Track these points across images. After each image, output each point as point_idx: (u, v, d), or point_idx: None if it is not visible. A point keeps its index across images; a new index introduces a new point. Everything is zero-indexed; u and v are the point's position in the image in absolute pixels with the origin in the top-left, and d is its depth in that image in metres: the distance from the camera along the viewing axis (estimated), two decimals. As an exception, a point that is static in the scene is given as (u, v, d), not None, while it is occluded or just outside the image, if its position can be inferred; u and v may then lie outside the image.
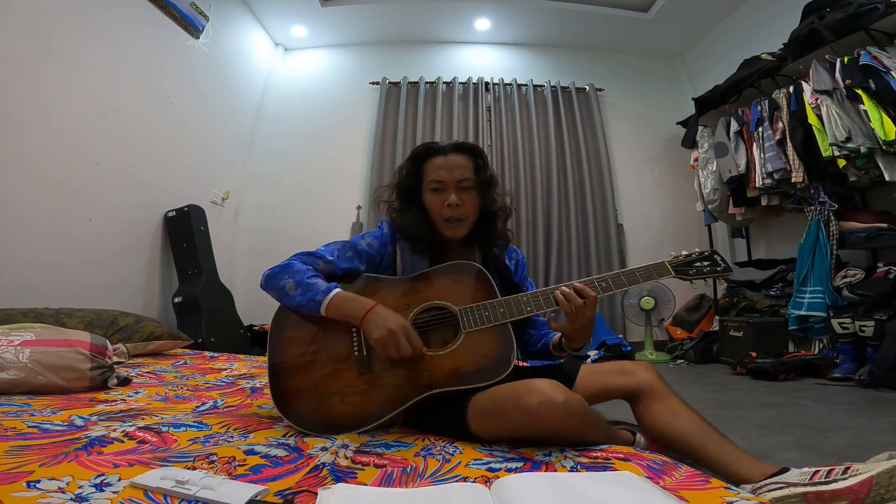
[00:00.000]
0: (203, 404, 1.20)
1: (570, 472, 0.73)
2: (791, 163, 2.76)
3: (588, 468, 0.74)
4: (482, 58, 4.35)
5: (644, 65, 4.43)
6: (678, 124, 3.88)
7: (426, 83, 4.11)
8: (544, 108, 4.12)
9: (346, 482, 0.68)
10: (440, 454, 0.81)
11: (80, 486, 0.59)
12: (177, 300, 2.86)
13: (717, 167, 3.37)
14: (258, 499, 0.57)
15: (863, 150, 2.37)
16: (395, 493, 0.63)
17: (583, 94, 4.21)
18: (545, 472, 0.73)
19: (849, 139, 2.40)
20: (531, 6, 3.96)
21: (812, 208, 2.75)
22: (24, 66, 2.16)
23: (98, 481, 0.60)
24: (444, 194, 1.12)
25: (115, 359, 1.61)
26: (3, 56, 2.07)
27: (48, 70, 2.26)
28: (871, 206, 2.78)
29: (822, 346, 2.63)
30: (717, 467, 0.86)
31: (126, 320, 2.03)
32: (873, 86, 2.31)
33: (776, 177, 2.84)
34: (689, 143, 3.71)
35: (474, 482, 0.69)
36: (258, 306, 3.36)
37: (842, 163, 2.47)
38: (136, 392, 1.32)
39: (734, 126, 3.20)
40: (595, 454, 0.80)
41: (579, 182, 3.99)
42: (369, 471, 0.74)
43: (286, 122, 4.10)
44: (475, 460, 0.78)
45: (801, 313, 2.63)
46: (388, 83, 4.09)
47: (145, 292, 2.87)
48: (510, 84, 4.17)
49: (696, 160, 3.59)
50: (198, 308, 2.82)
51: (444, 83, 4.12)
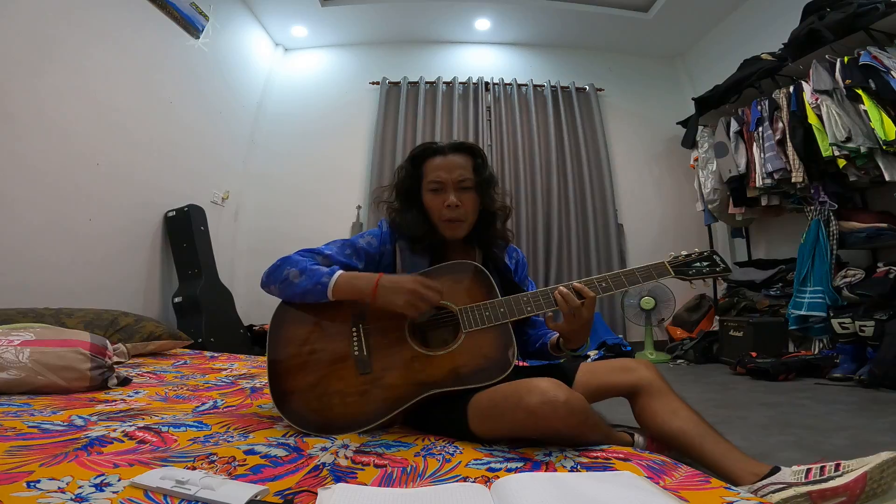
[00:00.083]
0: (203, 404, 1.20)
1: (570, 472, 0.73)
2: (791, 163, 2.76)
3: (588, 468, 0.74)
4: (482, 58, 4.35)
5: (644, 65, 4.43)
6: (678, 124, 3.88)
7: (426, 83, 4.11)
8: (544, 108, 4.12)
9: (346, 482, 0.68)
10: (440, 454, 0.81)
11: (80, 486, 0.59)
12: (177, 300, 2.86)
13: (717, 167, 3.37)
14: (258, 499, 0.57)
15: (863, 150, 2.37)
16: (395, 493, 0.64)
17: (583, 94, 4.21)
18: (545, 472, 0.73)
19: (849, 139, 2.40)
20: (531, 6, 3.96)
21: (812, 208, 2.75)
22: (24, 66, 2.16)
23: (98, 481, 0.60)
24: (443, 195, 1.12)
25: (115, 359, 1.61)
26: (3, 56, 2.07)
27: (48, 70, 2.26)
28: (871, 206, 2.78)
29: (822, 346, 2.63)
30: (714, 466, 0.86)
31: (126, 320, 2.03)
32: (873, 86, 2.31)
33: (776, 177, 2.84)
34: (689, 143, 3.70)
35: (474, 482, 0.69)
36: (258, 306, 3.37)
37: (842, 163, 2.47)
38: (136, 392, 1.32)
39: (734, 126, 3.20)
40: (595, 454, 0.80)
41: (579, 182, 3.99)
42: (369, 471, 0.74)
43: (286, 122, 4.10)
44: (475, 460, 0.78)
45: (801, 313, 2.63)
46: (388, 83, 4.09)
47: (145, 292, 2.87)
48: (510, 84, 4.17)
49: (696, 160, 3.59)
50: (198, 308, 2.82)
51: (444, 83, 4.12)
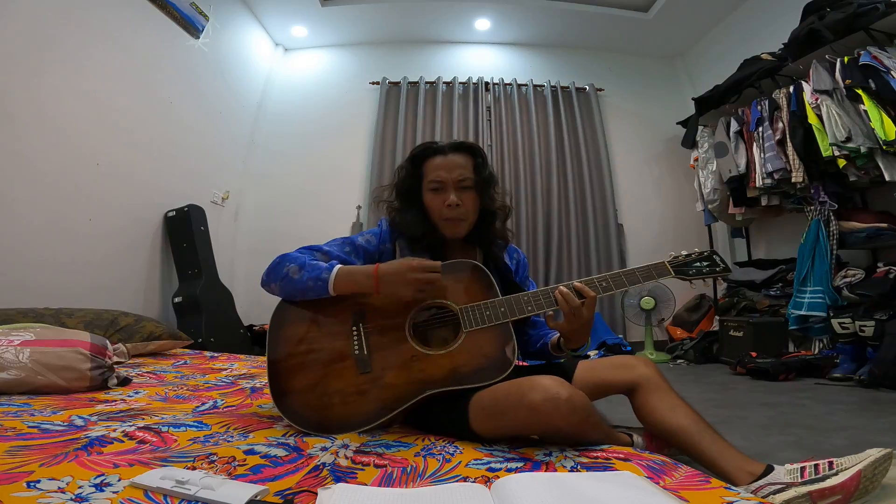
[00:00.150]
0: (203, 404, 1.20)
1: (570, 472, 0.73)
2: (791, 163, 2.75)
3: (588, 468, 0.74)
4: (482, 58, 4.35)
5: (644, 65, 4.43)
6: (678, 124, 3.88)
7: (426, 83, 4.11)
8: (544, 108, 4.12)
9: (346, 482, 0.68)
10: (440, 454, 0.81)
11: (80, 486, 0.59)
12: (177, 300, 2.86)
13: (717, 167, 3.37)
14: (258, 499, 0.57)
15: (863, 150, 2.36)
16: (395, 493, 0.63)
17: (583, 94, 4.21)
18: (545, 472, 0.73)
19: (849, 139, 2.40)
20: (531, 6, 3.96)
21: (812, 208, 2.75)
22: (24, 66, 2.16)
23: (98, 481, 0.60)
24: (443, 194, 1.12)
25: (115, 359, 1.61)
26: (3, 56, 2.07)
27: (48, 70, 2.26)
28: (871, 206, 2.78)
29: (822, 346, 2.62)
30: (709, 463, 0.87)
31: (126, 320, 2.03)
32: (873, 86, 2.31)
33: (776, 177, 2.84)
34: (689, 143, 3.70)
35: (474, 482, 0.69)
36: (258, 306, 3.37)
37: (842, 163, 2.47)
38: (136, 392, 1.32)
39: (734, 126, 3.20)
40: (595, 454, 0.80)
41: (579, 182, 3.99)
42: (369, 471, 0.74)
43: (286, 122, 4.09)
44: (475, 460, 0.78)
45: (801, 313, 2.63)
46: (388, 83, 4.09)
47: (145, 292, 2.87)
48: (510, 84, 4.17)
49: (696, 160, 3.59)
50: (198, 308, 2.82)
51: (444, 83, 4.12)
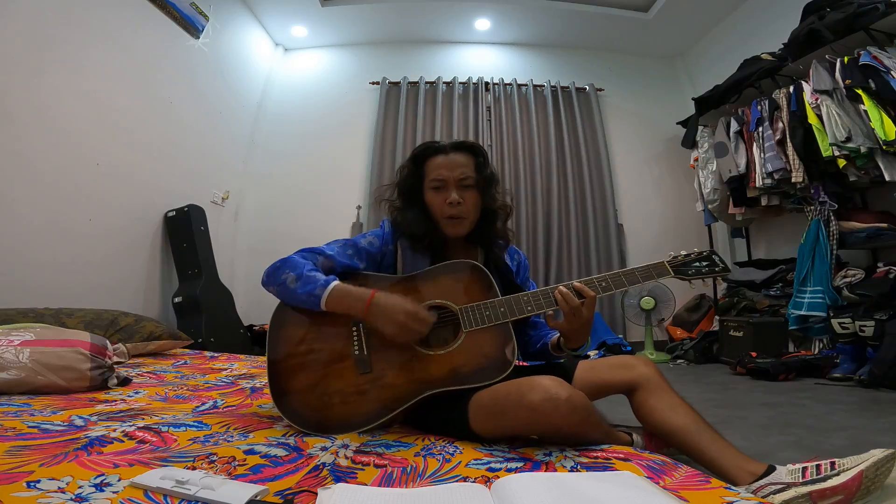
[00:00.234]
0: (203, 404, 1.20)
1: (570, 471, 0.73)
2: (791, 163, 2.75)
3: (588, 468, 0.74)
4: (482, 58, 4.35)
5: (644, 65, 4.43)
6: (678, 124, 3.88)
7: (426, 83, 4.11)
8: (544, 108, 4.12)
9: (346, 482, 0.68)
10: (440, 454, 0.81)
11: (80, 486, 0.59)
12: (177, 300, 2.86)
13: (717, 167, 3.37)
14: (258, 499, 0.57)
15: (863, 150, 2.36)
16: (395, 493, 0.64)
17: (583, 94, 4.21)
18: (545, 472, 0.73)
19: (849, 139, 2.40)
20: (531, 6, 3.96)
21: (812, 208, 2.75)
22: (24, 66, 2.16)
23: (98, 481, 0.60)
24: (445, 192, 1.12)
25: (115, 359, 1.61)
26: (3, 56, 2.07)
27: (48, 70, 2.26)
28: (871, 206, 2.78)
29: (822, 346, 2.62)
30: (709, 463, 0.87)
31: (126, 320, 2.03)
32: (873, 86, 2.31)
33: (776, 177, 2.84)
34: (689, 143, 3.70)
35: (474, 482, 0.69)
36: (258, 306, 3.37)
37: (842, 163, 2.47)
38: (136, 392, 1.32)
39: (734, 126, 3.20)
40: (595, 454, 0.80)
41: (579, 182, 3.99)
42: (369, 471, 0.74)
43: (286, 122, 4.09)
44: (475, 460, 0.78)
45: (801, 313, 2.63)
46: (388, 83, 4.09)
47: (145, 292, 2.87)
48: (510, 84, 4.17)
49: (696, 160, 3.59)
50: (198, 308, 2.82)
51: (444, 83, 4.12)
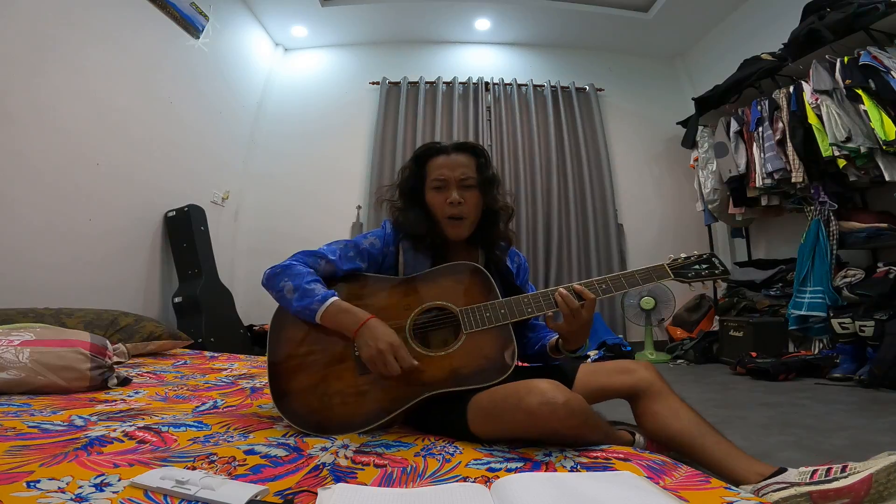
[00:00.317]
0: (203, 404, 1.20)
1: (570, 472, 0.73)
2: (791, 163, 2.76)
3: (588, 468, 0.74)
4: (482, 58, 4.35)
5: (644, 65, 4.43)
6: (678, 124, 3.88)
7: (426, 83, 4.11)
8: (544, 108, 4.12)
9: (346, 482, 0.68)
10: (440, 454, 0.81)
11: (80, 486, 0.59)
12: (177, 300, 2.86)
13: (717, 167, 3.37)
14: (258, 499, 0.57)
15: (863, 150, 2.37)
16: (395, 493, 0.63)
17: (583, 94, 4.21)
18: (545, 472, 0.73)
19: (849, 139, 2.40)
20: (531, 6, 3.96)
21: (812, 208, 2.75)
22: (24, 66, 2.16)
23: (98, 481, 0.60)
24: (446, 192, 1.12)
25: (115, 359, 1.61)
26: (4, 56, 2.07)
27: (48, 70, 2.26)
28: (871, 206, 2.78)
29: (822, 346, 2.63)
30: (716, 467, 0.86)
31: (126, 320, 2.03)
32: (873, 86, 2.31)
33: (776, 177, 2.84)
34: (689, 143, 3.70)
35: (474, 482, 0.69)
36: (258, 306, 3.37)
37: (842, 163, 2.47)
38: (136, 392, 1.32)
39: (734, 126, 3.20)
40: (595, 454, 0.80)
41: (579, 182, 3.99)
42: (369, 471, 0.74)
43: (286, 122, 4.10)
44: (475, 460, 0.78)
45: (801, 313, 2.63)
46: (388, 83, 4.09)
47: (145, 292, 2.87)
48: (510, 84, 4.17)
49: (696, 160, 3.59)
50: (198, 308, 2.82)
51: (444, 83, 4.12)
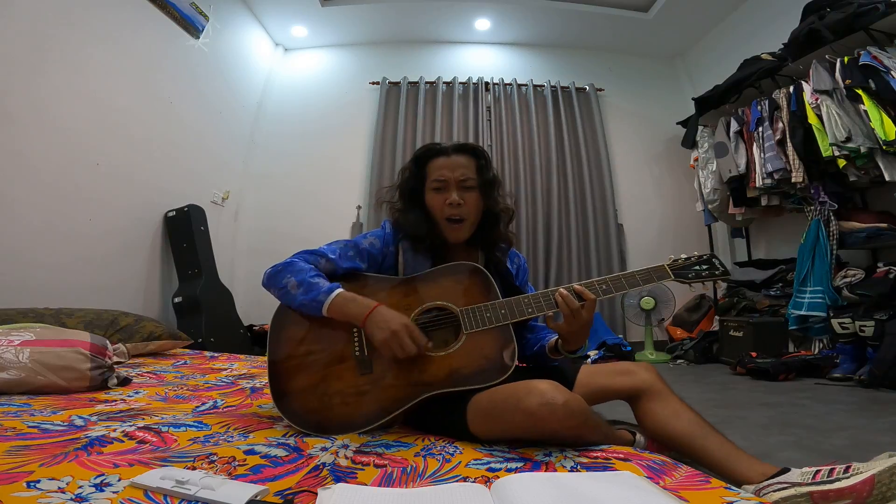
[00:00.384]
0: (203, 404, 1.20)
1: (569, 472, 0.73)
2: (791, 163, 2.76)
3: (588, 468, 0.74)
4: (482, 58, 4.35)
5: (644, 65, 4.43)
6: (678, 124, 3.88)
7: (426, 83, 4.11)
8: (544, 108, 4.12)
9: (346, 482, 0.68)
10: (440, 454, 0.81)
11: (80, 486, 0.59)
12: (177, 300, 2.86)
13: (717, 167, 3.37)
14: (258, 499, 0.57)
15: (863, 150, 2.37)
16: (395, 493, 0.64)
17: (583, 94, 4.21)
18: (545, 472, 0.73)
19: (849, 139, 2.40)
20: (531, 6, 3.96)
21: (812, 208, 2.75)
22: (24, 66, 2.16)
23: (98, 481, 0.60)
24: (445, 193, 1.12)
25: (115, 359, 1.61)
26: (4, 56, 2.07)
27: (48, 70, 2.26)
28: (871, 206, 2.78)
29: (822, 346, 2.63)
30: (718, 468, 0.86)
31: (126, 320, 2.03)
32: (873, 86, 2.31)
33: (776, 177, 2.84)
34: (689, 143, 3.70)
35: (474, 482, 0.69)
36: (258, 306, 3.37)
37: (842, 163, 2.47)
38: (136, 392, 1.32)
39: (734, 126, 3.20)
40: (595, 454, 0.80)
41: (579, 182, 3.99)
42: (369, 471, 0.74)
43: (286, 122, 4.10)
44: (475, 460, 0.78)
45: (801, 313, 2.63)
46: (388, 83, 4.09)
47: (145, 292, 2.87)
48: (510, 84, 4.17)
49: (696, 160, 3.59)
50: (198, 308, 2.82)
51: (444, 83, 4.12)
